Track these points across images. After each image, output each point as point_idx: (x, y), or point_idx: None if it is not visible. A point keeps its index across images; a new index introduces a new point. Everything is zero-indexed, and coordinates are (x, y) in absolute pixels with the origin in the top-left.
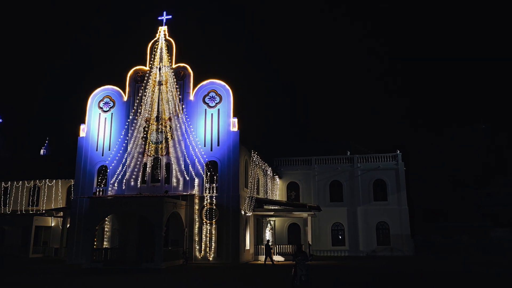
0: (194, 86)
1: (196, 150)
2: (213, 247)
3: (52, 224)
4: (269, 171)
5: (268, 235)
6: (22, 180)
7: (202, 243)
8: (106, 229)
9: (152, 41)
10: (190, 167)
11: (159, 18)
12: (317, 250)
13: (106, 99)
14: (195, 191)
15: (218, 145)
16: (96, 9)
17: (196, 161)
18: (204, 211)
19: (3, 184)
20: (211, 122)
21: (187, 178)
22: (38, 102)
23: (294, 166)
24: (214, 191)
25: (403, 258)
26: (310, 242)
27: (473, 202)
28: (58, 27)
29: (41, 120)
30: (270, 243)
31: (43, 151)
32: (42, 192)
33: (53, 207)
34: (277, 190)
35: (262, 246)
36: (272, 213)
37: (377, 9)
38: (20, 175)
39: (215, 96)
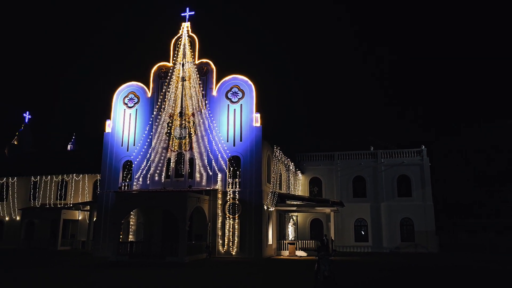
0: (217, 81)
1: (219, 145)
2: (236, 241)
3: (79, 218)
4: (292, 167)
5: (290, 230)
6: (51, 175)
7: (225, 238)
8: (131, 223)
9: (176, 37)
10: (213, 162)
11: (182, 14)
12: (340, 246)
13: (130, 95)
14: (218, 186)
15: (241, 140)
16: (121, 6)
17: (219, 156)
18: (227, 206)
19: (32, 178)
20: (234, 118)
21: (210, 173)
22: (65, 98)
23: (317, 161)
24: (237, 186)
25: (427, 255)
26: (333, 238)
27: (500, 198)
28: (84, 24)
29: (68, 116)
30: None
31: (70, 147)
32: (69, 187)
33: (80, 201)
34: (300, 185)
35: (284, 241)
36: (294, 208)
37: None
38: (49, 170)
39: (238, 92)
